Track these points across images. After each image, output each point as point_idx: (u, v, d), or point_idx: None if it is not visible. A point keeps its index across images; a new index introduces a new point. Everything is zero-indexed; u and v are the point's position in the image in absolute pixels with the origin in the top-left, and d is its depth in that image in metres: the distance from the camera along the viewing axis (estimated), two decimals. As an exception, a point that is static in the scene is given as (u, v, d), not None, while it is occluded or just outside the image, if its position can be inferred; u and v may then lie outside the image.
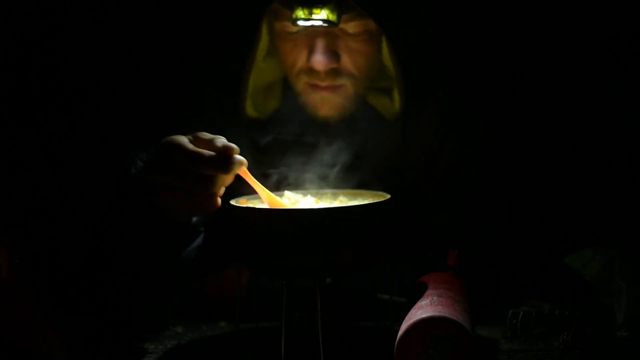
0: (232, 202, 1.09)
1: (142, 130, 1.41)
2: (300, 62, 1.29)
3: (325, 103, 1.31)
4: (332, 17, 1.19)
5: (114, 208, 1.20)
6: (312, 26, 1.22)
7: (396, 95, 1.33)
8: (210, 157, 0.96)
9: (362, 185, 1.21)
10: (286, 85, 1.38)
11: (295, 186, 1.21)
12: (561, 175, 1.61)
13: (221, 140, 0.98)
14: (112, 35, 1.56)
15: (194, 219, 1.09)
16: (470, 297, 1.12)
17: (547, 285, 1.33)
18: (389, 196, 1.10)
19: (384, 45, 1.30)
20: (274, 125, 1.37)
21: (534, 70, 1.61)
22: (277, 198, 1.10)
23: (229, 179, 0.99)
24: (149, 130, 1.32)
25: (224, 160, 0.96)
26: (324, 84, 1.28)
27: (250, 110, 1.36)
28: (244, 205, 1.08)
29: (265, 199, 1.09)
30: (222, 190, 1.01)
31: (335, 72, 1.28)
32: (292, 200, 1.13)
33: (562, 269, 1.30)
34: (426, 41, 1.40)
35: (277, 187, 1.20)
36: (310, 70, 1.28)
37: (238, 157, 0.97)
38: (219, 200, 1.02)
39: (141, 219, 1.07)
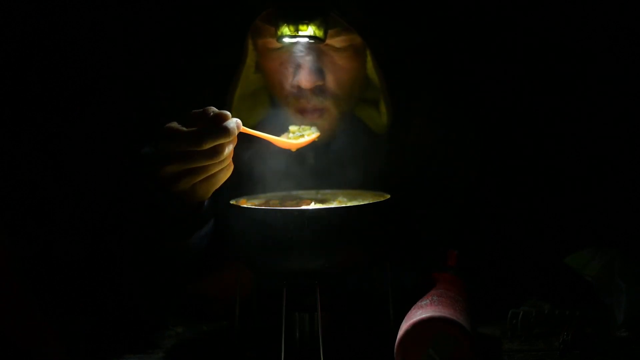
0: (232, 202, 1.09)
1: (142, 130, 1.41)
2: (287, 83, 1.27)
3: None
4: (319, 33, 1.17)
5: (115, 207, 1.20)
6: (298, 43, 1.22)
7: (383, 108, 1.33)
8: (206, 131, 0.97)
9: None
10: (271, 96, 1.37)
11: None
12: (561, 175, 1.61)
13: (211, 110, 0.99)
14: (112, 35, 1.56)
15: (205, 202, 1.10)
16: (470, 297, 1.13)
17: (547, 285, 1.33)
18: (389, 196, 1.10)
19: (369, 59, 1.29)
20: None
21: (534, 70, 1.61)
22: (282, 139, 1.14)
23: (233, 142, 1.01)
24: (149, 130, 1.32)
25: (220, 128, 0.97)
26: (310, 106, 1.27)
27: None
28: (244, 205, 1.08)
29: (272, 142, 1.12)
30: (231, 154, 1.02)
31: (320, 90, 1.26)
32: (297, 133, 1.14)
33: (562, 269, 1.30)
34: (413, 53, 1.39)
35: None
36: (297, 91, 1.27)
37: (232, 120, 0.99)
38: (232, 163, 1.04)
39: (149, 213, 1.08)
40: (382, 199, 1.09)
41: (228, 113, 0.99)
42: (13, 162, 1.48)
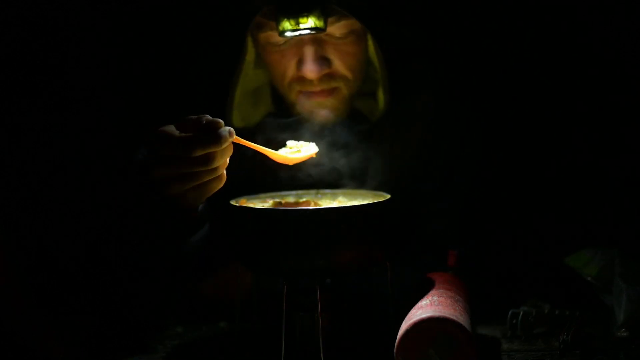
0: (232, 202, 1.09)
1: (142, 130, 1.41)
2: (291, 72, 1.27)
3: (322, 108, 1.30)
4: (319, 24, 1.18)
5: (115, 207, 1.20)
6: (300, 35, 1.22)
7: (381, 95, 1.33)
8: (197, 138, 0.95)
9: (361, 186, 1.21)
10: (273, 92, 1.37)
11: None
12: (561, 175, 1.61)
13: (205, 118, 0.97)
14: (112, 35, 1.56)
15: (200, 207, 1.09)
16: (470, 297, 1.13)
17: (547, 285, 1.33)
18: (389, 196, 1.10)
19: (370, 44, 1.30)
20: (261, 133, 1.35)
21: (532, 69, 1.61)
22: (279, 152, 1.10)
23: (226, 152, 0.98)
24: (148, 130, 1.32)
25: (211, 136, 0.95)
26: (317, 89, 1.28)
27: (236, 120, 1.34)
28: (244, 205, 1.08)
29: (269, 156, 1.09)
30: (224, 164, 1.00)
31: (328, 76, 1.27)
32: (295, 148, 1.12)
33: (562, 269, 1.30)
34: (413, 38, 1.40)
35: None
36: (302, 79, 1.27)
37: (224, 129, 0.96)
38: (225, 174, 1.01)
39: (146, 214, 1.07)
40: (382, 199, 1.09)
41: (221, 121, 0.96)
42: (13, 162, 1.48)
